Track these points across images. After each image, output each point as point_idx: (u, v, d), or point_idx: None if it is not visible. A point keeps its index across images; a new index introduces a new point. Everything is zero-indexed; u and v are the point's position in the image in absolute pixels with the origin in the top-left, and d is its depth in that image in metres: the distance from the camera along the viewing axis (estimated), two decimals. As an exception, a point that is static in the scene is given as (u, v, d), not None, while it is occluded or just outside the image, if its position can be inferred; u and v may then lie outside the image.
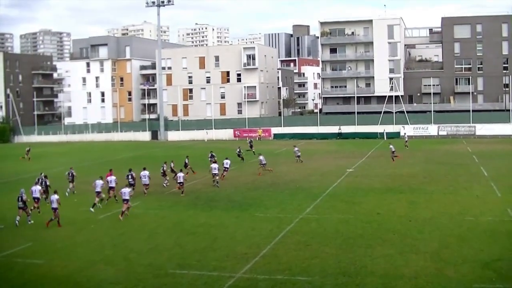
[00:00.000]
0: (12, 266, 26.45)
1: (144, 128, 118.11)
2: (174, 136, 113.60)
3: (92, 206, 39.78)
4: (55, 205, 34.82)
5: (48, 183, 44.14)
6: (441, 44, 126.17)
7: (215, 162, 54.68)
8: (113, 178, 42.83)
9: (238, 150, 69.45)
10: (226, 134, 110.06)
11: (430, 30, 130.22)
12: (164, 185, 49.28)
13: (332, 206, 38.46)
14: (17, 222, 35.06)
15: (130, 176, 45.60)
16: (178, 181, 45.09)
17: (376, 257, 25.93)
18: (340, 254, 26.52)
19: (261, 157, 56.61)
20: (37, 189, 38.82)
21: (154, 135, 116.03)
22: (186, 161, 57.30)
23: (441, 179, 49.79)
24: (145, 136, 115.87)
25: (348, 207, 37.98)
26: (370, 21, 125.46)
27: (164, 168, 50.74)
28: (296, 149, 66.93)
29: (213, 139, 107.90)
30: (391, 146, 67.15)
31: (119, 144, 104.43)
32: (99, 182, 40.79)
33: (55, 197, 35.24)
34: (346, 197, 41.71)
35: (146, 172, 46.38)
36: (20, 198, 35.57)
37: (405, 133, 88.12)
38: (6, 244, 30.39)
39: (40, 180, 44.26)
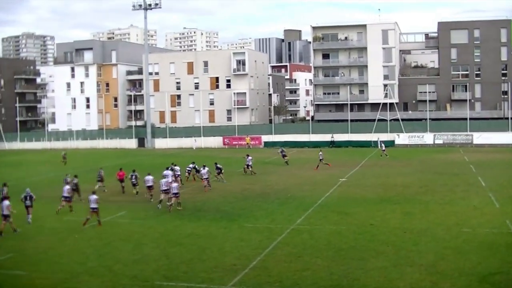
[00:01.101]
0: (-9, 277, 26.33)
1: (130, 135, 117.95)
2: (161, 143, 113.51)
3: (159, 202, 43.16)
4: (93, 205, 36.74)
5: (77, 183, 47.44)
6: (437, 50, 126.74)
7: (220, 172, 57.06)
8: (150, 177, 47.54)
9: (280, 150, 73.18)
10: (215, 142, 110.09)
11: (426, 35, 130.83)
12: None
13: (324, 216, 38.46)
14: (29, 220, 37.86)
15: (133, 177, 50.25)
16: (147, 185, 45.07)
17: (369, 269, 25.92)
18: (332, 266, 26.50)
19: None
20: (65, 189, 42.55)
21: (141, 143, 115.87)
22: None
23: (437, 189, 49.90)
24: (132, 143, 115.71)
25: (341, 218, 37.99)
26: (364, 26, 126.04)
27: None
28: (320, 153, 69.98)
29: (201, 147, 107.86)
30: (320, 153, 69.19)
31: (105, 152, 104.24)
32: (150, 178, 47.33)
33: (93, 197, 36.83)
34: (338, 207, 41.71)
35: (151, 177, 48.07)
36: (26, 198, 38.91)
37: (380, 141, 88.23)
38: (-14, 255, 30.25)
39: (67, 180, 47.12)
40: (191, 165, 59.63)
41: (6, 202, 35.68)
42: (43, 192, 48.92)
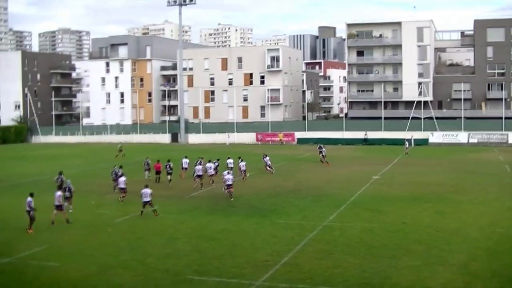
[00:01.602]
0: (27, 268, 26.71)
1: (164, 130, 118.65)
2: (194, 139, 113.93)
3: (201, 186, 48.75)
4: (147, 198, 38.18)
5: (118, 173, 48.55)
6: (473, 48, 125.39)
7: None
8: (212, 165, 52.40)
9: (319, 147, 72.68)
10: (248, 138, 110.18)
11: (462, 33, 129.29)
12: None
13: (356, 214, 38.40)
14: (70, 211, 39.09)
15: (168, 166, 53.83)
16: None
17: (401, 268, 25.85)
18: (364, 264, 26.47)
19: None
20: (122, 180, 44.09)
21: (174, 138, 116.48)
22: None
23: (470, 188, 49.48)
24: (165, 138, 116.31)
25: (373, 215, 37.90)
26: (399, 23, 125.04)
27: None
28: (323, 149, 70.09)
29: (234, 142, 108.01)
30: (323, 149, 69.57)
31: (138, 146, 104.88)
32: (210, 165, 52.28)
33: (147, 191, 38.40)
34: (370, 205, 41.61)
35: (200, 167, 51.47)
36: (66, 189, 40.13)
37: (405, 140, 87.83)
38: (21, 246, 30.67)
39: (116, 172, 49.04)
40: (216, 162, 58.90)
41: (58, 193, 36.73)
42: (77, 185, 49.31)
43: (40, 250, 29.91)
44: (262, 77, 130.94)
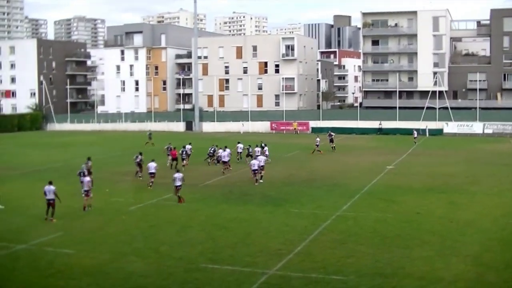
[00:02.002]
0: (42, 255, 26.88)
1: (178, 118, 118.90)
2: (208, 127, 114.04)
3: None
4: (178, 182, 38.93)
5: (140, 160, 50.05)
6: (489, 38, 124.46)
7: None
8: (227, 152, 53.41)
9: (329, 134, 75.02)
10: (263, 126, 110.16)
11: (478, 22, 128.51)
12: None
13: (370, 204, 38.36)
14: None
15: (184, 152, 56.79)
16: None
17: (414, 258, 25.81)
18: (377, 254, 26.45)
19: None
20: (152, 166, 44.90)
21: (189, 126, 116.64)
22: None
23: (484, 179, 49.28)
24: (179, 126, 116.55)
25: (387, 205, 37.84)
26: (415, 13, 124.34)
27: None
28: (317, 139, 71.11)
29: (249, 131, 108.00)
30: (317, 139, 69.91)
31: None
32: (227, 151, 53.28)
33: (179, 175, 39.41)
34: (384, 195, 41.54)
35: (228, 151, 54.07)
36: (81, 174, 41.50)
37: (413, 130, 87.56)
38: (37, 233, 30.88)
39: (138, 158, 50.40)
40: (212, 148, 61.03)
41: (87, 178, 37.23)
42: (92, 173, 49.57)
43: (55, 237, 30.08)
44: (277, 65, 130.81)
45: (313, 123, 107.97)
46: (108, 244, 28.74)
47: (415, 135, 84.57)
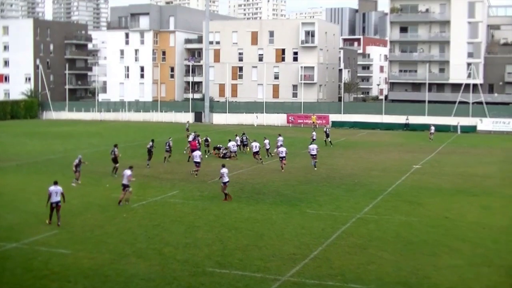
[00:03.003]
0: (35, 255, 27.02)
1: (187, 108, 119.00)
2: (220, 119, 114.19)
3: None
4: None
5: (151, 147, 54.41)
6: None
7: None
8: (257, 143, 56.94)
9: (326, 129, 76.70)
10: (279, 119, 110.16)
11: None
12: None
13: (394, 206, 38.33)
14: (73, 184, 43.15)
15: (204, 141, 61.72)
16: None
17: (441, 267, 25.78)
18: (400, 261, 26.45)
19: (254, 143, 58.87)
20: (197, 155, 49.05)
21: (198, 117, 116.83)
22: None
23: (521, 181, 49.14)
24: (188, 117, 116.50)
25: (412, 208, 37.80)
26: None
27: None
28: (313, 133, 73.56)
29: (263, 124, 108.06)
30: (313, 133, 71.36)
31: (159, 126, 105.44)
32: (256, 144, 56.82)
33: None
34: (410, 197, 41.49)
35: (257, 143, 57.36)
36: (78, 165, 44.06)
37: (430, 125, 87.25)
38: (30, 231, 31.06)
39: (167, 143, 56.42)
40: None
41: (128, 172, 37.53)
42: (92, 166, 49.86)
43: (50, 235, 30.24)
44: (295, 53, 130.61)
45: (333, 117, 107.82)
46: (108, 244, 28.87)
47: (432, 131, 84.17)
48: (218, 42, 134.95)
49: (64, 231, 31.06)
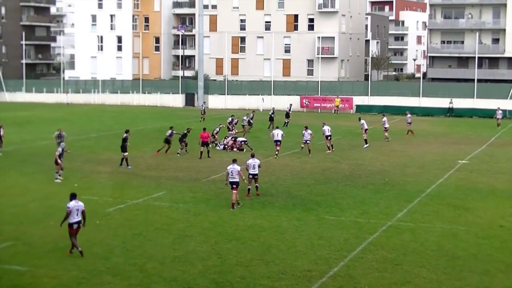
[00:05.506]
0: (-20, 273, 26.99)
1: (175, 89, 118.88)
2: (217, 102, 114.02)
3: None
4: (253, 171, 41.57)
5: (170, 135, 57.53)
6: None
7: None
8: (279, 132, 58.71)
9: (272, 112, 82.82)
10: (290, 102, 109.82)
11: None
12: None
13: (435, 211, 38.26)
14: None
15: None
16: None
17: None
18: (443, 281, 26.40)
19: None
20: (279, 133, 56.46)
21: (190, 100, 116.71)
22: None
23: None
24: (177, 100, 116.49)
25: (458, 214, 37.72)
26: None
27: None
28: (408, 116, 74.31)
29: (271, 108, 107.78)
30: (362, 122, 67.99)
31: (140, 110, 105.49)
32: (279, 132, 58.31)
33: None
34: (455, 200, 41.42)
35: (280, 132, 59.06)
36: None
37: (498, 108, 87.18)
38: (-23, 242, 31.06)
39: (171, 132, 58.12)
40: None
41: (237, 167, 38.47)
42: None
43: (2, 248, 30.21)
44: (311, 20, 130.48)
45: (358, 100, 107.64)
46: (76, 258, 28.79)
47: (499, 116, 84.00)
48: (214, 6, 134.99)
49: (20, 242, 30.98)
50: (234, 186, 38.32)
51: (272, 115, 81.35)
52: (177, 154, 57.18)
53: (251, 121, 74.53)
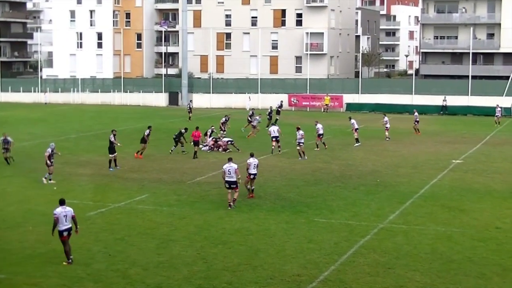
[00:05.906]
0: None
1: (158, 88, 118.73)
2: (201, 101, 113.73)
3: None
4: (253, 170, 41.31)
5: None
6: None
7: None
8: (276, 128, 60.79)
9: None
10: (278, 101, 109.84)
11: None
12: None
13: (428, 213, 38.34)
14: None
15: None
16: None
17: (492, 292, 25.86)
18: (438, 285, 26.47)
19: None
20: (275, 129, 57.82)
21: (173, 99, 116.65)
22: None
23: None
24: (160, 99, 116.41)
25: (452, 216, 37.80)
26: None
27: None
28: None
29: (258, 107, 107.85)
30: (352, 121, 68.03)
31: (122, 110, 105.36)
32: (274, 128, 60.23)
33: (254, 160, 41.74)
34: (449, 201, 41.53)
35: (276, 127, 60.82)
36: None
37: (497, 105, 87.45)
38: None
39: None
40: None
41: (234, 165, 38.82)
42: (36, 163, 49.81)
43: (-22, 254, 30.17)
44: (299, 15, 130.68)
45: (348, 98, 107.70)
46: (55, 264, 28.72)
47: (498, 114, 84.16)
48: (198, 1, 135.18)
49: (-2, 248, 31.00)
50: (234, 186, 38.69)
51: (270, 114, 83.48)
52: (183, 152, 58.31)
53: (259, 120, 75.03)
